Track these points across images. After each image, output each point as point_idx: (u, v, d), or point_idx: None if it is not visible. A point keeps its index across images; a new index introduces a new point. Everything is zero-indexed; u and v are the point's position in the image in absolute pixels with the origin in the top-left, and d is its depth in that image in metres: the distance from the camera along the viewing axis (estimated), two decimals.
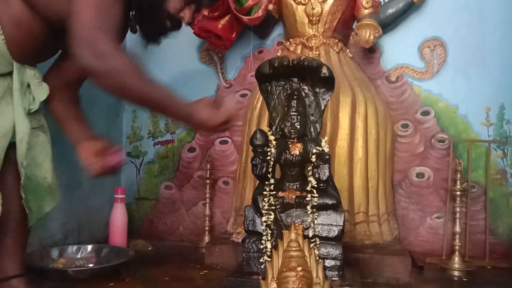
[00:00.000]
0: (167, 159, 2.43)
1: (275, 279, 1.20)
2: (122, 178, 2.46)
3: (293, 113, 1.41)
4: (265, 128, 1.47)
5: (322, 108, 1.45)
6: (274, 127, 1.47)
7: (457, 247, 1.83)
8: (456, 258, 1.81)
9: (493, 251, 1.98)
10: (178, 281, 1.61)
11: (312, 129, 1.45)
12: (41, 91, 1.28)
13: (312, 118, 1.45)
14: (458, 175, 1.85)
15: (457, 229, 1.85)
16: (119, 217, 2.07)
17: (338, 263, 1.31)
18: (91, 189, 2.21)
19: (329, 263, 1.31)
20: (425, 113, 2.14)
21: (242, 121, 2.19)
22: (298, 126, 1.40)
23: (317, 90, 1.45)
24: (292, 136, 1.41)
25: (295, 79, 1.46)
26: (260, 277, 1.27)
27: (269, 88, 1.48)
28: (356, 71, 2.10)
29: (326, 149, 1.37)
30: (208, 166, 2.20)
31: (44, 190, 1.29)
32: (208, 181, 2.18)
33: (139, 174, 2.47)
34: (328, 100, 1.45)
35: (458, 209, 1.87)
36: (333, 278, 1.29)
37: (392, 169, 2.09)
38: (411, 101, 2.16)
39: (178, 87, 2.36)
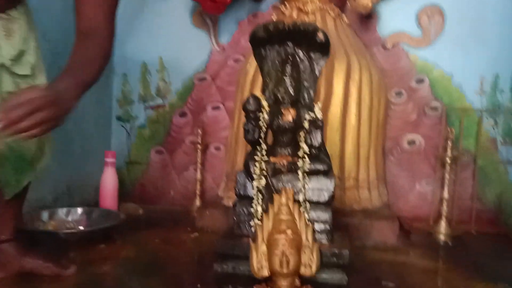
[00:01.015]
0: (158, 124, 2.41)
1: (265, 241, 1.22)
2: (112, 142, 2.45)
3: (287, 79, 1.39)
4: (258, 93, 1.45)
5: (317, 74, 1.42)
6: (267, 93, 1.45)
7: (444, 213, 1.86)
8: (443, 224, 1.85)
9: (479, 217, 2.03)
10: (169, 244, 1.62)
11: (305, 95, 1.43)
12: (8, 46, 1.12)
13: (306, 84, 1.43)
14: (449, 143, 1.87)
15: (445, 195, 1.88)
16: (109, 181, 2.06)
17: (327, 227, 1.33)
18: (81, 153, 2.19)
19: (318, 226, 1.32)
20: (420, 81, 2.13)
21: (235, 86, 2.16)
22: (292, 92, 1.38)
23: (312, 55, 1.42)
24: (285, 102, 1.39)
25: (290, 44, 1.43)
26: (251, 239, 1.29)
27: (263, 53, 1.45)
28: (352, 37, 2.06)
29: (319, 115, 1.35)
30: (200, 131, 2.18)
31: (26, 163, 1.21)
32: (199, 146, 2.18)
33: (130, 138, 2.45)
34: (323, 66, 1.42)
35: (447, 176, 1.89)
36: (322, 241, 1.31)
37: (384, 136, 2.10)
38: (406, 69, 2.14)
39: (170, 52, 2.36)
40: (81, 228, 1.69)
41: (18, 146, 1.17)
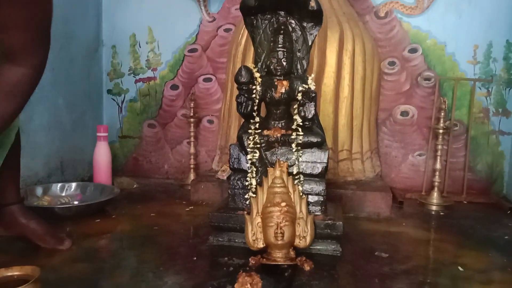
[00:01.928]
0: (149, 97, 2.38)
1: (260, 214, 1.23)
2: (104, 117, 2.42)
3: (280, 49, 1.36)
4: (250, 64, 1.42)
5: (310, 43, 1.40)
6: (259, 64, 1.43)
7: (436, 183, 1.89)
8: (435, 194, 1.87)
9: (471, 187, 2.06)
10: (164, 217, 1.63)
11: (298, 66, 1.41)
12: None
13: (299, 54, 1.41)
14: (442, 114, 1.87)
15: (438, 166, 1.90)
16: (102, 155, 2.05)
17: (321, 198, 1.34)
18: (73, 128, 2.17)
19: (312, 198, 1.33)
20: (413, 51, 2.10)
21: (226, 57, 2.13)
22: (285, 63, 1.36)
23: (305, 24, 1.39)
24: (278, 73, 1.37)
25: (282, 13, 1.40)
26: (245, 212, 1.29)
27: (254, 22, 1.42)
28: (345, 5, 2.02)
29: (313, 87, 1.34)
30: (192, 104, 2.16)
31: None
32: (192, 119, 2.16)
33: (121, 112, 2.42)
34: (316, 35, 1.40)
35: (439, 146, 1.91)
36: (316, 213, 1.32)
37: (377, 107, 2.09)
38: (399, 38, 2.11)
39: (159, 22, 2.31)
40: (76, 203, 1.69)
41: None
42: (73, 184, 1.87)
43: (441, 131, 1.88)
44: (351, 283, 1.11)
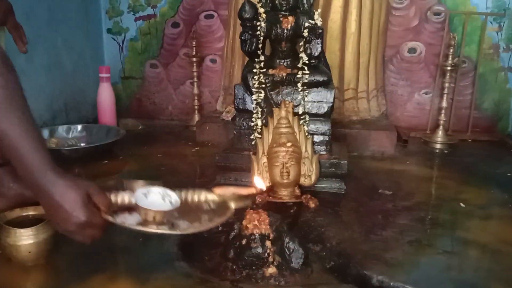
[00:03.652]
0: (150, 35, 2.31)
1: (266, 154, 1.24)
2: (105, 57, 2.37)
3: None
4: None
5: None
6: None
7: (441, 122, 1.88)
8: (440, 132, 1.87)
9: (476, 125, 2.05)
10: (171, 158, 1.65)
11: (304, 1, 1.35)
12: None
13: None
14: (451, 50, 1.82)
15: (444, 104, 1.88)
16: (106, 96, 2.04)
17: (326, 138, 1.34)
18: (74, 69, 2.13)
19: (317, 138, 1.34)
20: None
21: None
22: None
23: None
24: (284, 8, 1.32)
25: None
26: (251, 152, 1.31)
27: None
28: None
29: (319, 23, 1.30)
30: (194, 43, 2.10)
31: None
32: (194, 59, 2.11)
33: (122, 52, 2.37)
34: None
35: (446, 84, 1.88)
36: (321, 152, 1.33)
37: (384, 44, 2.03)
38: None
39: None
40: (83, 144, 1.70)
41: None
42: (79, 126, 1.87)
43: (449, 68, 1.84)
44: (355, 219, 1.14)
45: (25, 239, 0.84)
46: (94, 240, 0.71)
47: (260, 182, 0.86)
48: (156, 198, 0.73)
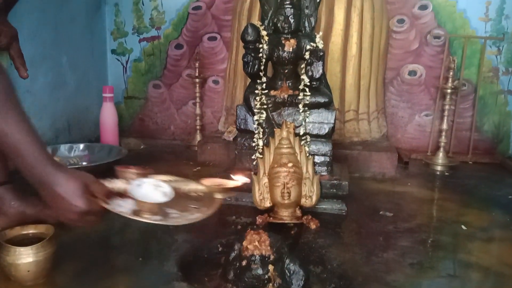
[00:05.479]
0: (153, 56, 2.35)
1: (267, 174, 1.24)
2: (109, 77, 2.40)
3: (287, 6, 1.33)
4: (256, 22, 1.40)
5: (317, 0, 1.36)
6: (266, 21, 1.40)
7: (442, 144, 1.88)
8: (440, 154, 1.88)
9: (476, 147, 2.05)
10: None
11: (306, 24, 1.38)
12: None
13: (306, 11, 1.37)
14: (451, 73, 1.84)
15: (444, 126, 1.89)
16: (109, 115, 2.05)
17: (327, 159, 1.35)
18: (78, 88, 2.16)
19: (318, 159, 1.34)
20: (423, 8, 2.04)
21: (231, 15, 2.08)
22: (292, 20, 1.33)
23: None
24: (286, 31, 1.35)
25: None
26: (252, 172, 1.31)
27: None
28: None
29: (321, 45, 1.32)
30: (197, 64, 2.13)
31: None
32: (197, 80, 2.14)
33: (126, 72, 2.40)
34: None
35: (447, 106, 1.89)
36: (322, 173, 1.33)
37: (384, 66, 2.06)
38: None
39: None
40: (85, 163, 1.71)
41: None
42: (81, 145, 1.88)
43: (449, 90, 1.86)
44: (356, 241, 1.14)
45: (25, 257, 0.84)
46: (93, 226, 0.77)
47: (242, 178, 0.90)
48: (150, 189, 0.77)
